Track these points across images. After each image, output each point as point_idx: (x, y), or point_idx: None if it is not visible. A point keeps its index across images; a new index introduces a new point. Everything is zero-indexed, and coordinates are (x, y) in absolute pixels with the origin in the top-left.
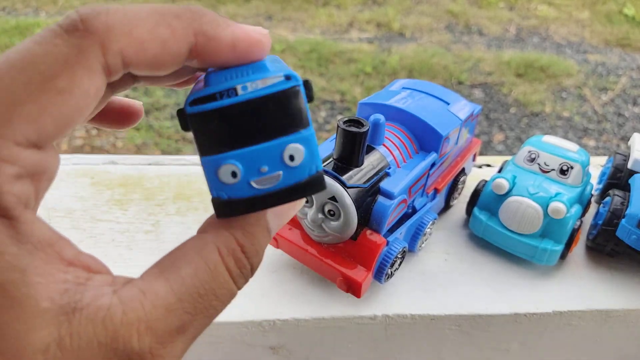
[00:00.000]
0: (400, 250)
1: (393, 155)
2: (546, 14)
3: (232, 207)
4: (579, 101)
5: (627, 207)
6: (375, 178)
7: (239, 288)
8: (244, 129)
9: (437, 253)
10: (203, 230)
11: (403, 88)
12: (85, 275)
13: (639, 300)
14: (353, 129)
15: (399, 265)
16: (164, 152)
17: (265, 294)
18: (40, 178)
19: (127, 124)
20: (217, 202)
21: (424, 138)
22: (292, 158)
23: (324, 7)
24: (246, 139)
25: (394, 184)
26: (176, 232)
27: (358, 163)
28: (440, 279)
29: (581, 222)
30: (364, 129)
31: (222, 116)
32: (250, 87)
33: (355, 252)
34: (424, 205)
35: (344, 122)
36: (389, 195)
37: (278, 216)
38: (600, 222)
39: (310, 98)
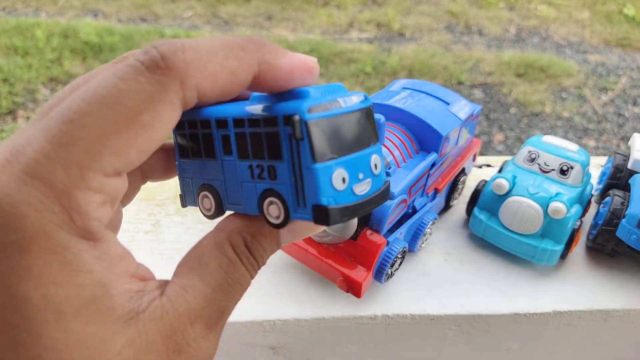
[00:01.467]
0: (401, 250)
1: (393, 155)
2: (546, 14)
3: (341, 213)
4: (579, 101)
5: (627, 207)
6: None
7: (252, 278)
8: (347, 138)
9: (437, 253)
10: (220, 227)
11: (403, 88)
12: (142, 284)
13: (639, 300)
14: None
15: (399, 265)
16: None
17: (266, 294)
18: (115, 202)
19: None
20: (328, 209)
21: (424, 138)
22: (376, 166)
23: (324, 8)
24: (349, 147)
25: (394, 184)
26: (176, 232)
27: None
28: (440, 279)
29: (581, 222)
30: None
31: (333, 124)
32: (348, 102)
33: (355, 252)
34: (424, 205)
35: None
36: None
37: (292, 234)
38: (600, 222)
39: None
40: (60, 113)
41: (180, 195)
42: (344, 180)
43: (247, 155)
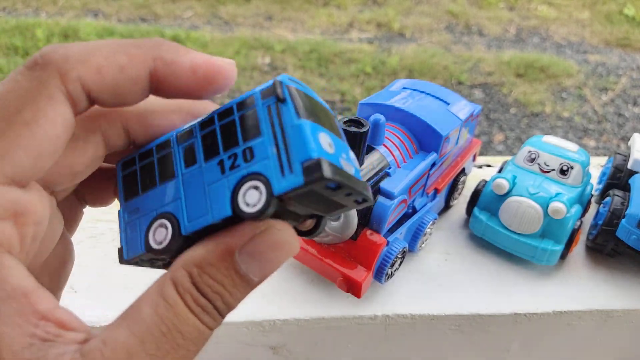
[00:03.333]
0: (401, 250)
1: (393, 156)
2: (546, 14)
3: (334, 170)
4: (579, 101)
5: (627, 207)
6: (375, 178)
7: (209, 327)
8: (323, 118)
9: (437, 253)
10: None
11: (403, 88)
12: (56, 331)
13: (639, 300)
14: (353, 129)
15: (399, 265)
16: None
17: (266, 294)
18: (25, 221)
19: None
20: (324, 161)
21: (424, 138)
22: (353, 160)
23: (324, 8)
24: (327, 126)
25: (394, 184)
26: None
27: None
28: (440, 279)
29: (581, 222)
30: (364, 129)
31: (309, 100)
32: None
33: (355, 252)
34: (424, 205)
35: (344, 122)
36: (389, 195)
37: (250, 257)
38: (600, 222)
39: None
40: None
41: (118, 249)
42: (330, 145)
43: (216, 151)
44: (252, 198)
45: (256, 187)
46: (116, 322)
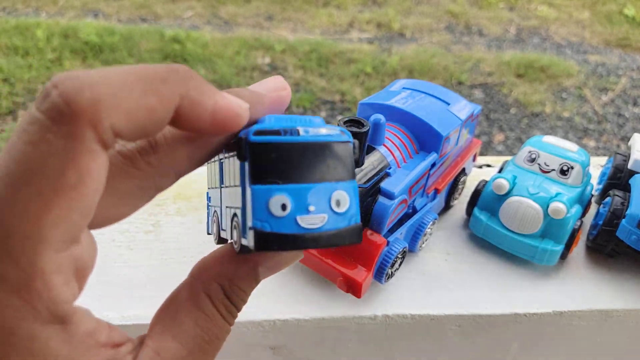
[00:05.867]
0: (401, 250)
1: (393, 156)
2: (546, 14)
3: (273, 240)
4: (579, 101)
5: (627, 207)
6: (375, 178)
7: (232, 325)
8: (300, 167)
9: (437, 253)
10: (195, 275)
11: (403, 88)
12: (112, 352)
13: (639, 300)
14: (353, 129)
15: (399, 265)
16: None
17: (265, 294)
18: (84, 272)
19: None
20: (259, 233)
21: (424, 138)
22: (338, 203)
23: (324, 8)
24: (300, 176)
25: (395, 184)
26: (176, 232)
27: (358, 163)
28: (440, 279)
29: (581, 222)
30: (364, 129)
31: (283, 150)
32: (311, 132)
33: (355, 252)
34: (424, 206)
35: (345, 122)
36: (389, 196)
37: (269, 270)
38: (600, 222)
39: (356, 161)
40: None
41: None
42: (284, 207)
43: (223, 181)
44: (235, 237)
45: (237, 230)
46: (159, 331)
